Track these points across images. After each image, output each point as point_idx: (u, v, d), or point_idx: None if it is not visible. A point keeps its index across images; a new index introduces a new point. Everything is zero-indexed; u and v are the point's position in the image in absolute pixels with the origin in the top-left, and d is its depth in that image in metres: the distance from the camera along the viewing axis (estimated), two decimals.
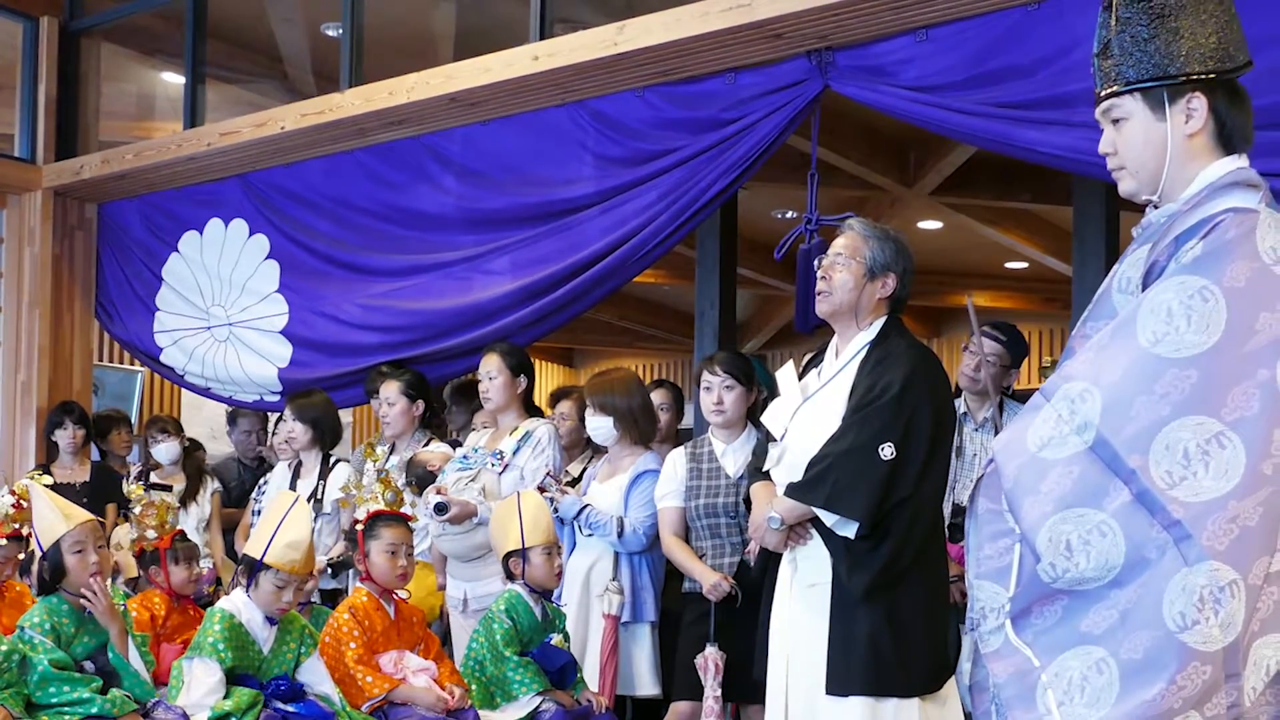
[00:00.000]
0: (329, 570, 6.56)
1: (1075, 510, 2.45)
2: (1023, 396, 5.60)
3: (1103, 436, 2.45)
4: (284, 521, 4.78)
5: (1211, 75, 2.65)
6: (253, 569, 4.74)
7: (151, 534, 5.40)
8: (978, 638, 2.61)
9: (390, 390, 6.77)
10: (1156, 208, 2.72)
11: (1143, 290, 2.57)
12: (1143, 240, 2.68)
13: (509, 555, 5.28)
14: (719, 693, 5.12)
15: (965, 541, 2.68)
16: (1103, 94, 2.74)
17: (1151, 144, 2.67)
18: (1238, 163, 2.67)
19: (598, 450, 6.30)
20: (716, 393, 5.42)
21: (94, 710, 4.41)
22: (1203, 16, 2.66)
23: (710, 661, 5.13)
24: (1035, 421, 2.54)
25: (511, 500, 5.39)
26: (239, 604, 4.75)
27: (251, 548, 4.81)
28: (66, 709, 4.41)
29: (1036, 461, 2.50)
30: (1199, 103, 2.65)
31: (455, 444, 6.72)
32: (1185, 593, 2.37)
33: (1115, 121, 2.72)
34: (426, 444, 6.64)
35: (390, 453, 6.71)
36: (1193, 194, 2.62)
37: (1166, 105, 2.65)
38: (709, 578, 5.25)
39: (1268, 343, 2.42)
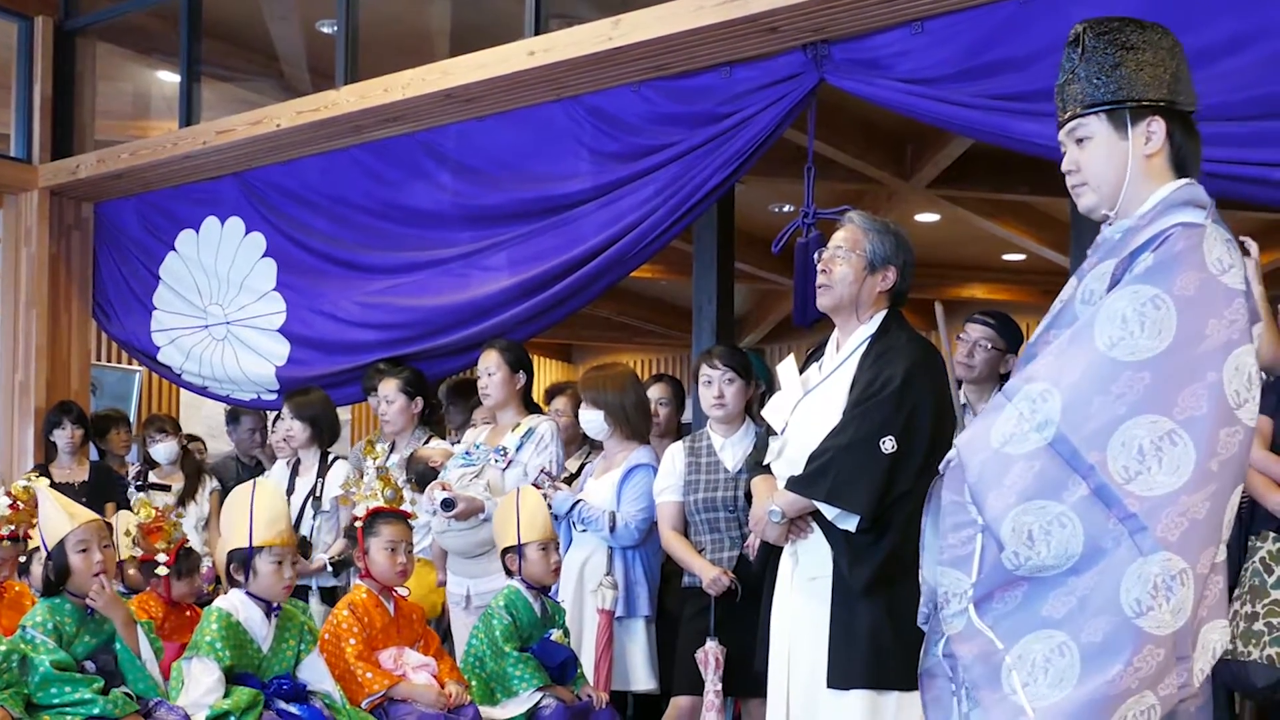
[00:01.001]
0: (330, 568, 6.56)
1: (1036, 502, 2.63)
2: None
3: (1062, 433, 2.63)
4: (254, 504, 4.79)
5: (1169, 104, 2.86)
6: (246, 559, 4.74)
7: (162, 556, 5.39)
8: (942, 620, 2.78)
9: (389, 388, 6.77)
10: (1111, 224, 2.91)
11: None
12: (1100, 255, 2.86)
13: (506, 551, 5.31)
14: (720, 687, 5.12)
15: (921, 541, 2.91)
16: (1067, 116, 2.94)
17: (1113, 161, 2.87)
18: (1188, 183, 2.84)
19: (595, 446, 6.30)
20: (717, 386, 5.41)
21: (95, 711, 4.40)
22: (1160, 54, 2.87)
23: (711, 656, 5.13)
24: (998, 420, 2.72)
25: (512, 497, 5.41)
26: (236, 603, 4.74)
27: (235, 541, 4.79)
28: (68, 709, 4.40)
29: (999, 457, 2.68)
30: (1158, 126, 2.85)
31: (455, 443, 6.73)
32: (1141, 581, 2.57)
33: (1079, 141, 2.92)
34: (427, 441, 6.64)
35: (390, 451, 6.71)
36: (1146, 211, 2.81)
37: (1129, 126, 2.86)
38: (709, 572, 5.25)
39: (1215, 347, 2.62)
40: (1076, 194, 2.96)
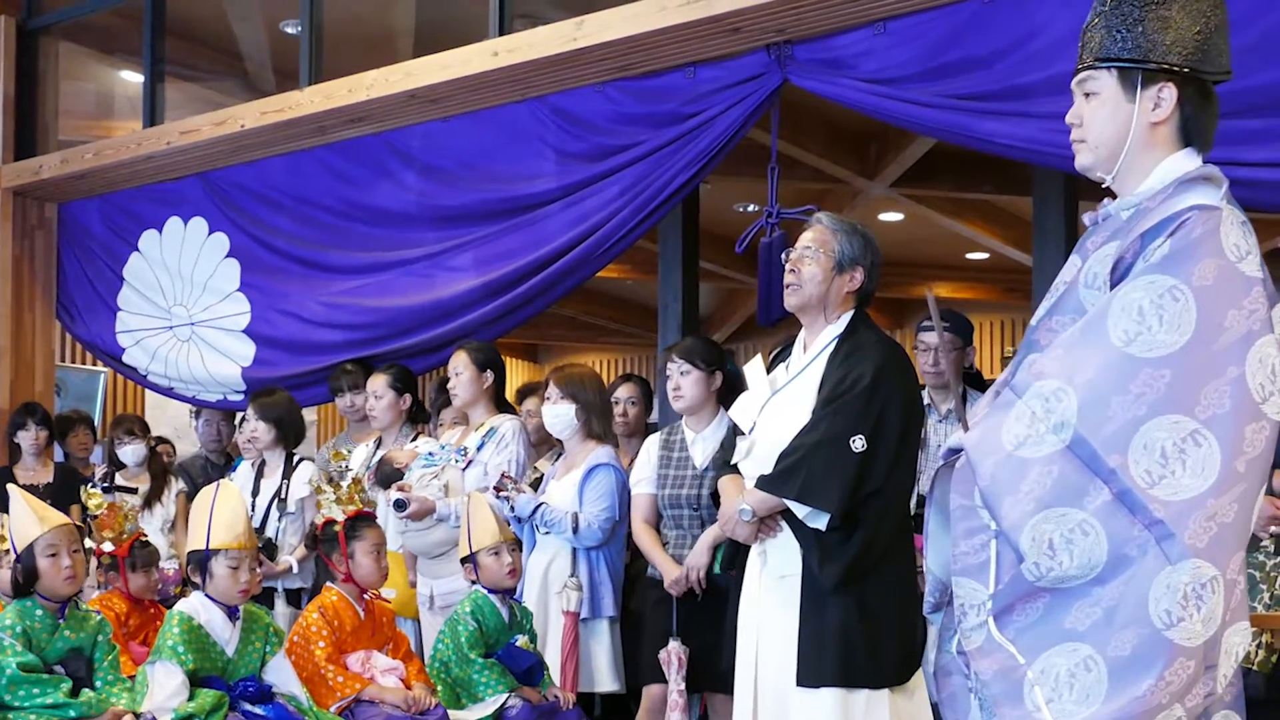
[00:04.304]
0: (295, 568, 6.54)
1: (1057, 510, 2.48)
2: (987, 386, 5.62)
3: (1080, 435, 2.47)
4: (215, 506, 4.79)
5: (1186, 70, 2.66)
6: (203, 562, 4.74)
7: (108, 545, 5.38)
8: (960, 634, 2.62)
9: (378, 384, 6.74)
10: (1104, 187, 2.75)
11: (1110, 286, 2.60)
12: (1107, 233, 2.70)
13: (463, 560, 5.35)
14: (683, 686, 5.13)
15: (925, 531, 2.72)
16: (1081, 65, 2.75)
17: (1116, 123, 2.69)
18: (1195, 159, 2.68)
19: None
20: (674, 379, 5.43)
21: (71, 715, 4.43)
22: (1193, 12, 2.67)
23: (673, 656, 5.14)
24: (1009, 419, 2.55)
25: (466, 505, 5.44)
26: (197, 605, 4.73)
27: (194, 542, 4.80)
28: (35, 711, 4.40)
29: (1014, 460, 2.52)
30: (1169, 93, 2.66)
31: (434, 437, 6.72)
32: (1170, 591, 2.42)
33: (1087, 94, 2.74)
34: (414, 438, 6.62)
35: (377, 446, 6.71)
36: (1154, 188, 2.65)
37: (1139, 89, 2.67)
38: (670, 573, 5.26)
39: (1236, 340, 2.46)
40: (1075, 149, 2.79)
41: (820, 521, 4.20)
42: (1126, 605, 2.44)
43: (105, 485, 7.25)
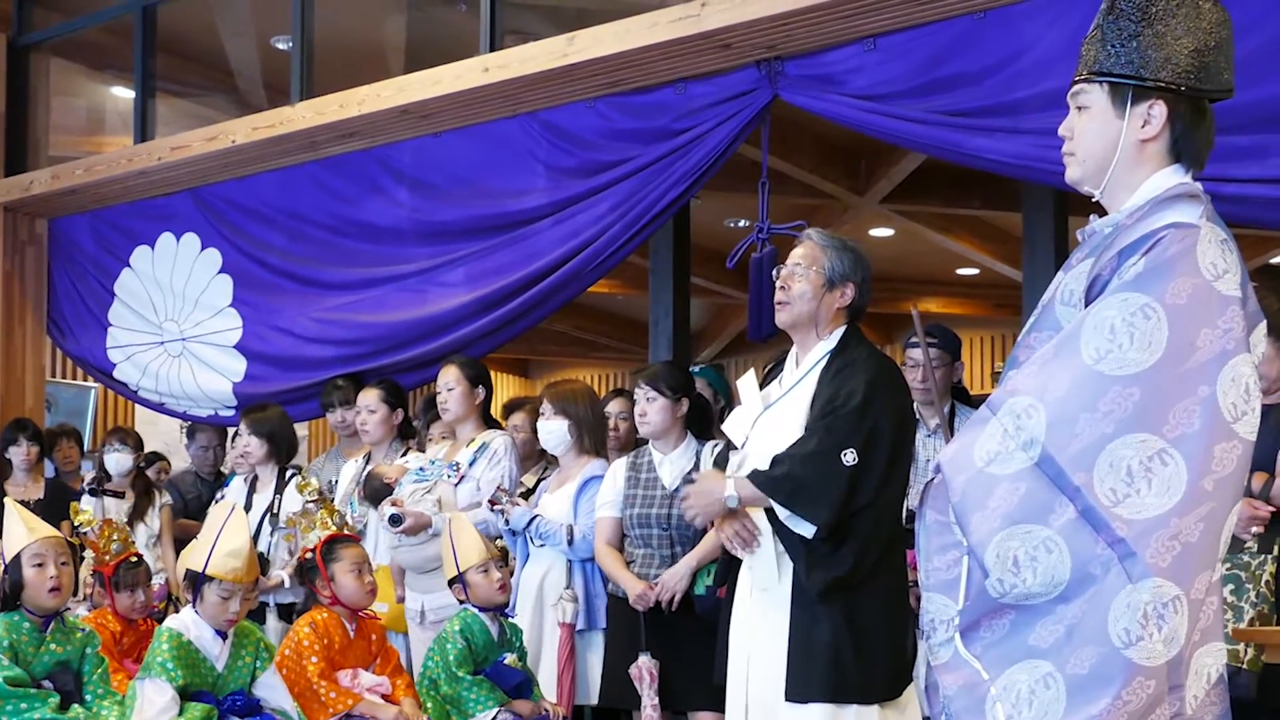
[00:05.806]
0: (288, 582, 6.53)
1: (1022, 526, 2.47)
2: (978, 402, 5.62)
3: (1048, 453, 2.46)
4: (222, 531, 4.76)
5: (1180, 88, 2.63)
6: (196, 582, 4.72)
7: (86, 568, 5.36)
8: (928, 649, 2.62)
9: (370, 398, 6.73)
10: (1095, 201, 2.73)
11: (1085, 303, 2.59)
12: (1086, 250, 2.68)
13: (451, 582, 5.33)
14: (656, 701, 5.14)
15: (916, 548, 2.70)
16: (1076, 78, 2.73)
17: (1104, 139, 2.66)
18: (1181, 176, 2.65)
19: (552, 462, 6.30)
20: (641, 404, 5.46)
21: None
22: (1192, 29, 2.64)
23: (644, 671, 5.15)
24: (982, 435, 2.55)
25: (446, 529, 5.43)
26: (187, 621, 4.72)
27: (193, 561, 4.78)
28: None
29: (983, 476, 2.51)
30: (1159, 110, 2.63)
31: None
32: (1130, 609, 2.41)
33: (1080, 108, 2.71)
34: (404, 454, 6.62)
35: (367, 461, 6.70)
36: (1136, 206, 2.62)
37: (1128, 105, 2.64)
38: (634, 588, 5.27)
39: (1208, 359, 2.45)
40: (1065, 162, 2.76)
41: (804, 527, 4.17)
42: (1087, 623, 2.44)
43: (93, 489, 7.26)
